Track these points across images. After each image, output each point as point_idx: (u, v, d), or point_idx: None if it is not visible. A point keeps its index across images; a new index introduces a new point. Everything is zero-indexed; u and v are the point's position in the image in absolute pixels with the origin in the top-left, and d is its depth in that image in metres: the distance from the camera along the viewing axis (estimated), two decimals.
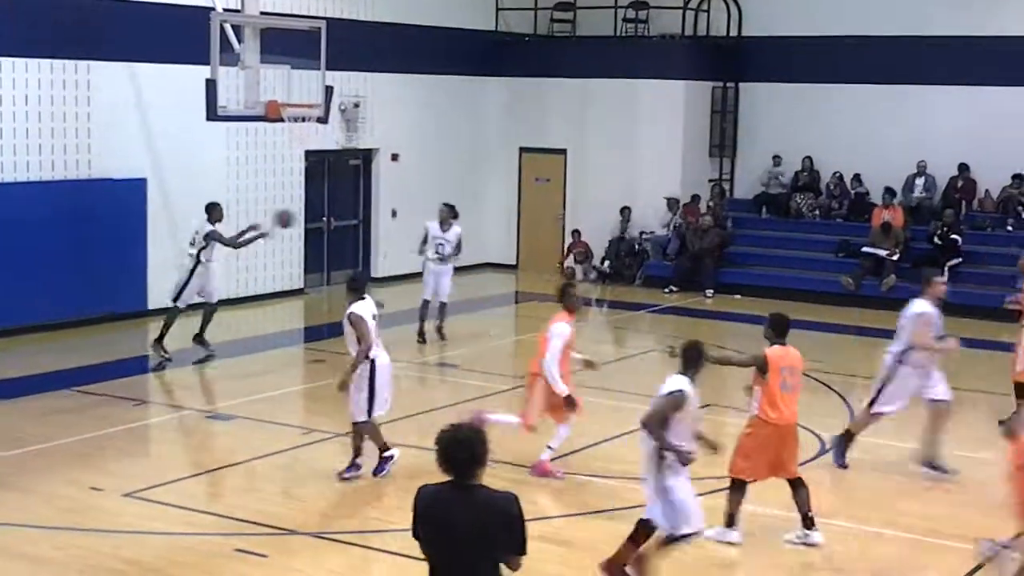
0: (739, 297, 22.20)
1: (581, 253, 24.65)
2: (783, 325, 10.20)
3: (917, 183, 23.38)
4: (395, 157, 23.49)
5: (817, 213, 24.28)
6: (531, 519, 10.40)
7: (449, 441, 5.74)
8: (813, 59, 24.20)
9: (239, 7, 16.94)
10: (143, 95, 18.84)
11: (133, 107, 18.76)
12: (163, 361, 16.20)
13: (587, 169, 24.95)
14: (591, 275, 24.47)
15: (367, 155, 23.23)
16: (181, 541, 10.04)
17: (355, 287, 11.61)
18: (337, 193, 22.91)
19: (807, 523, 10.13)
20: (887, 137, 23.62)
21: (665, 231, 24.16)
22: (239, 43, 16.50)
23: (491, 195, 25.62)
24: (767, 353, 10.04)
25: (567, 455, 12.51)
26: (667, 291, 22.93)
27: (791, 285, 22.50)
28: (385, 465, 11.54)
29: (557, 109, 25.11)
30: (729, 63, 24.86)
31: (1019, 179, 22.79)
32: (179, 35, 18.20)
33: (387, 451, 11.58)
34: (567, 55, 25.26)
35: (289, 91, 17.40)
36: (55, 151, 17.85)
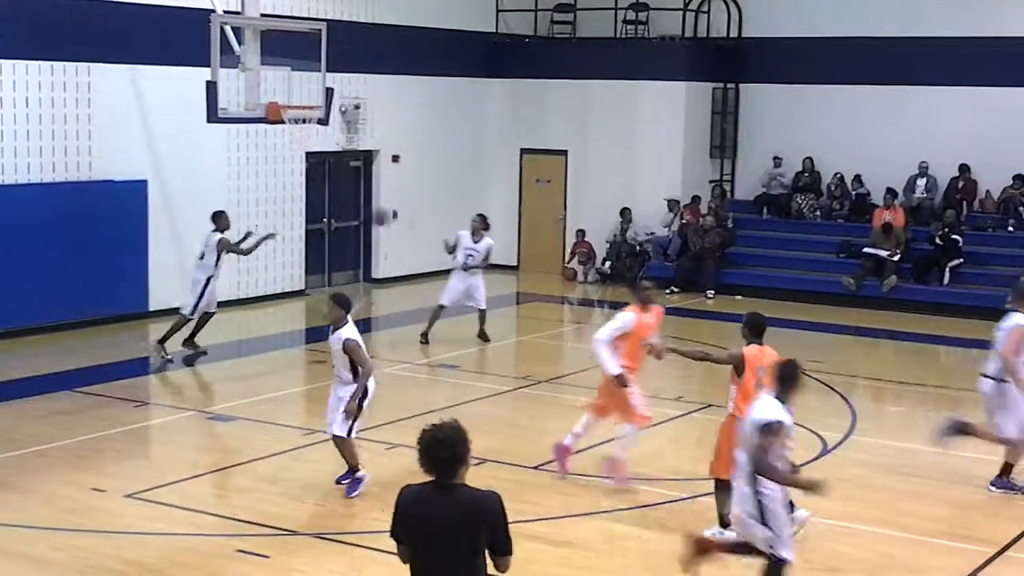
0: (740, 298, 22.18)
1: (584, 254, 24.65)
2: (759, 325, 10.22)
3: (919, 183, 23.38)
4: (396, 159, 23.49)
5: (818, 214, 24.28)
6: (534, 519, 10.51)
7: (430, 441, 5.71)
8: (813, 60, 24.21)
9: (239, 9, 16.95)
10: (144, 97, 18.84)
11: (134, 109, 18.76)
12: (165, 362, 16.21)
13: (588, 170, 24.95)
14: (592, 276, 24.46)
15: (368, 157, 23.23)
16: (183, 542, 10.03)
17: (345, 307, 11.00)
18: (338, 195, 22.91)
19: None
20: (888, 138, 23.62)
21: (666, 232, 24.15)
22: (239, 45, 16.52)
23: (492, 196, 25.59)
24: (744, 352, 10.05)
25: (572, 455, 12.48)
26: (668, 292, 22.91)
27: (792, 286, 22.50)
28: (357, 486, 11.06)
29: (557, 110, 25.11)
30: (729, 64, 24.86)
31: (1020, 180, 22.78)
32: (180, 37, 18.21)
33: (359, 471, 11.12)
34: (567, 56, 25.26)
35: (290, 93, 17.41)
36: (56, 153, 17.85)
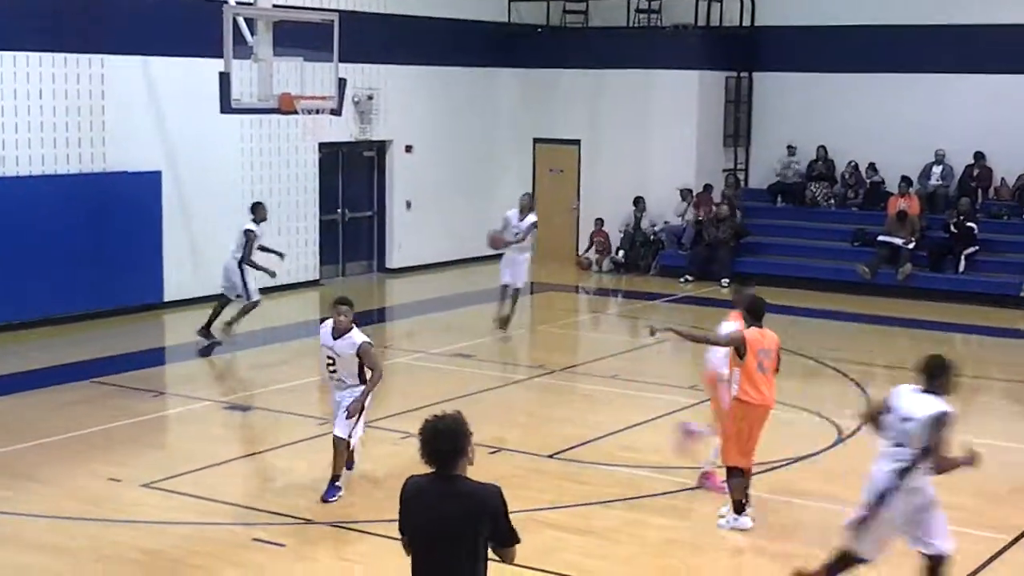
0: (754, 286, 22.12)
1: (601, 243, 24.63)
2: (759, 308, 10.24)
3: (934, 171, 23.30)
4: (409, 149, 23.49)
5: (832, 202, 24.22)
6: (550, 507, 10.51)
7: (431, 432, 5.68)
8: (827, 48, 24.12)
9: (251, 0, 16.95)
10: (157, 88, 18.86)
11: (147, 100, 18.78)
12: (211, 344, 16.34)
13: (601, 160, 24.91)
14: (606, 265, 24.44)
15: (381, 147, 23.23)
16: (199, 531, 10.06)
17: (351, 307, 10.57)
18: (351, 185, 22.91)
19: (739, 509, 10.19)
20: (902, 126, 23.53)
21: (679, 221, 24.12)
22: (252, 36, 16.51)
23: (505, 186, 25.52)
24: (745, 334, 10.05)
25: (586, 443, 12.50)
26: (682, 281, 22.90)
27: (807, 274, 22.44)
28: (336, 492, 10.65)
29: (570, 100, 25.07)
30: (743, 53, 24.78)
31: None
32: (192, 28, 18.23)
33: (338, 481, 10.71)
34: (580, 46, 25.21)
35: (302, 83, 17.40)
36: (70, 144, 17.88)
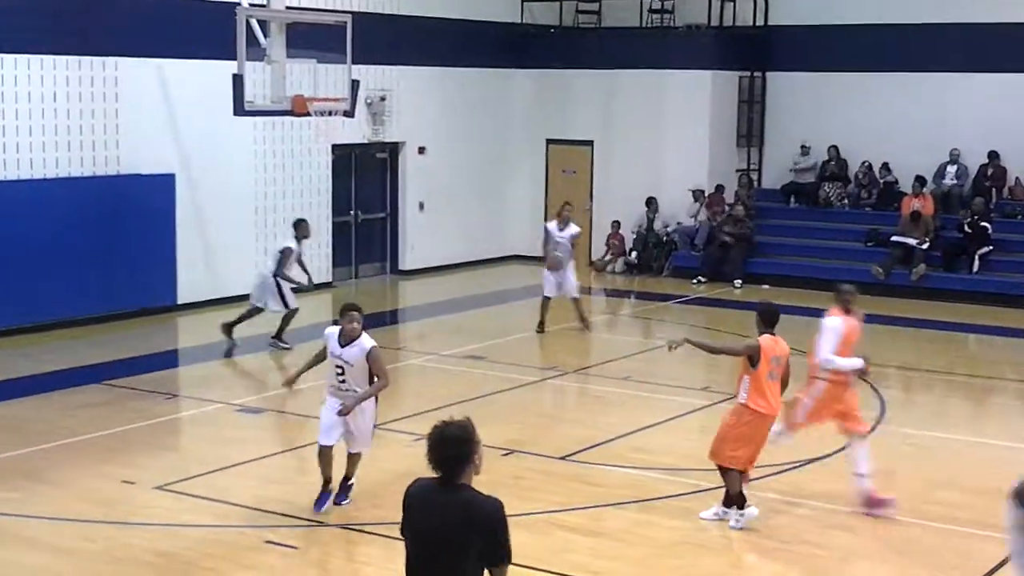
0: (767, 287, 22.11)
1: (617, 246, 24.62)
2: (773, 315, 10.21)
3: (949, 171, 23.22)
4: (422, 150, 23.51)
5: (846, 202, 24.17)
6: (562, 509, 10.51)
7: (438, 438, 5.59)
8: (840, 47, 24.06)
9: (265, 2, 16.99)
10: (170, 91, 18.91)
11: (161, 103, 18.84)
12: (282, 349, 16.55)
13: (614, 160, 24.90)
14: (619, 267, 24.43)
15: (394, 148, 23.26)
16: (212, 533, 10.08)
17: (361, 313, 10.41)
18: (364, 186, 22.95)
19: (731, 503, 10.25)
20: (916, 125, 23.46)
21: (692, 222, 24.09)
22: (265, 38, 16.54)
23: (517, 187, 25.61)
24: (760, 342, 10.01)
25: (598, 445, 12.50)
26: (695, 282, 22.88)
27: (820, 275, 22.32)
28: (327, 500, 10.52)
29: (583, 101, 25.06)
30: (756, 52, 24.74)
31: None
32: (206, 31, 18.27)
33: (329, 486, 10.56)
34: (593, 46, 25.19)
35: (315, 85, 17.44)
36: (84, 147, 17.94)
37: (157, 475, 11.39)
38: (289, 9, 17.25)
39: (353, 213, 22.67)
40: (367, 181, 23.02)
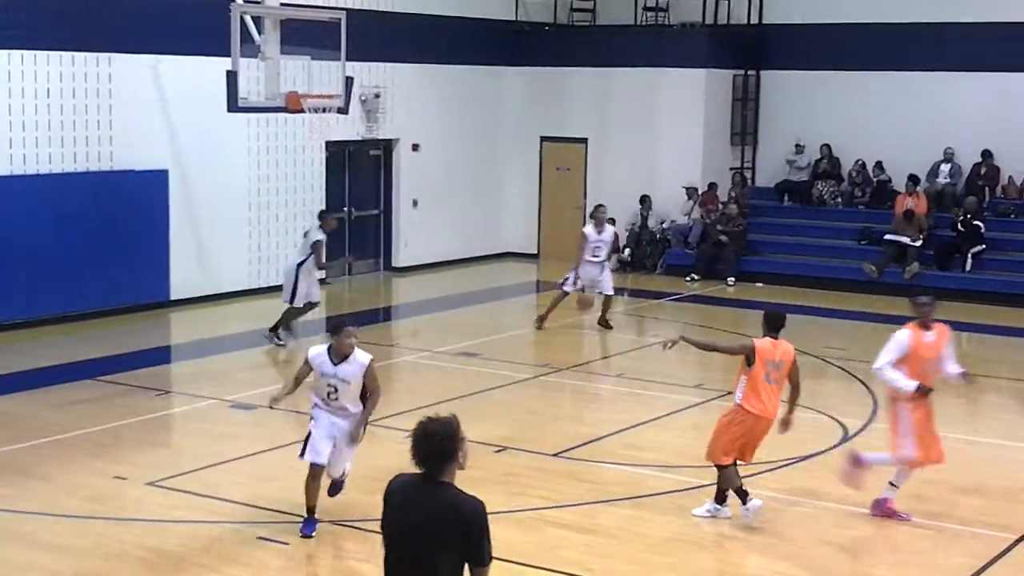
0: (761, 285, 22.13)
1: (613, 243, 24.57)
2: (774, 320, 10.20)
3: (942, 169, 23.24)
4: (416, 147, 23.49)
5: (839, 201, 24.19)
6: (554, 506, 10.51)
7: (421, 434, 5.56)
8: (834, 46, 24.07)
9: None
10: (164, 87, 18.88)
11: (154, 99, 18.80)
12: (277, 345, 16.59)
13: (608, 158, 24.90)
14: (614, 264, 24.39)
15: (387, 145, 23.24)
16: (204, 529, 10.07)
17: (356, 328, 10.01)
18: (358, 183, 22.93)
19: (723, 500, 10.28)
20: (909, 124, 23.48)
21: (686, 220, 24.09)
22: (259, 35, 16.53)
23: (512, 184, 25.61)
24: (755, 343, 10.03)
25: (591, 442, 12.50)
26: (688, 279, 22.89)
27: (813, 273, 22.42)
28: (315, 524, 9.99)
29: (577, 98, 25.06)
30: (750, 51, 24.75)
31: None
32: (200, 27, 18.24)
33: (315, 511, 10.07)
34: (587, 45, 25.19)
35: (309, 82, 17.42)
36: (77, 143, 17.90)
37: (149, 471, 11.38)
38: (283, 6, 17.23)
39: (347, 210, 22.65)
40: (361, 178, 23.00)
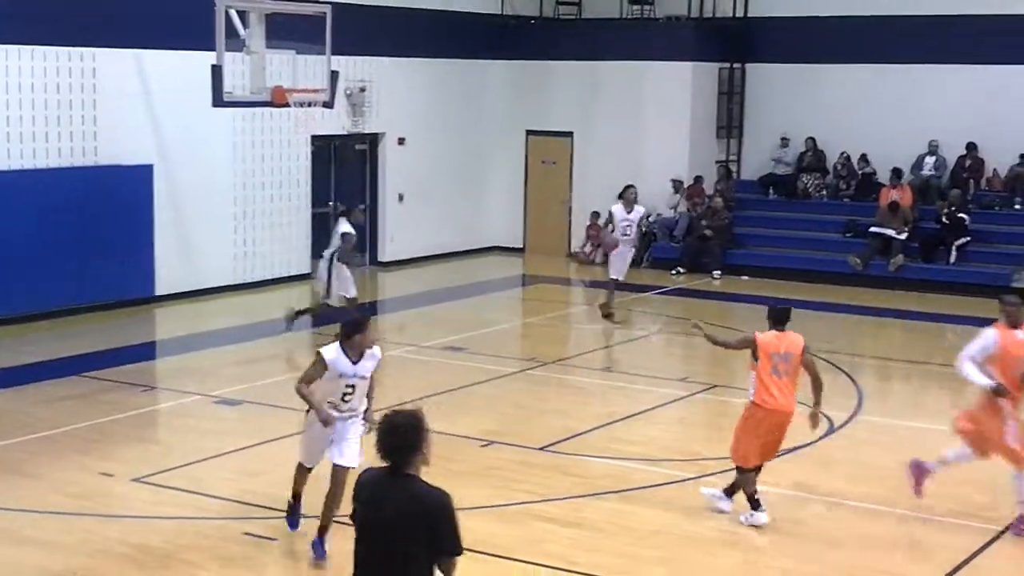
0: (746, 278, 22.19)
1: (596, 236, 24.63)
2: (778, 314, 10.20)
3: (927, 161, 23.31)
4: (401, 141, 23.48)
5: (824, 193, 24.24)
6: (541, 500, 10.53)
7: (387, 427, 5.62)
8: (819, 39, 24.11)
9: None
10: (149, 82, 18.83)
11: (139, 94, 18.75)
12: (288, 325, 16.74)
13: (594, 151, 24.91)
14: (599, 258, 24.43)
15: (373, 139, 23.22)
16: (190, 525, 10.07)
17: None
18: (344, 178, 22.91)
19: (732, 492, 10.31)
20: (895, 117, 23.53)
21: (672, 213, 24.12)
22: (244, 29, 16.50)
23: (497, 178, 25.61)
24: (756, 336, 10.03)
25: (577, 435, 12.52)
26: (674, 273, 22.93)
27: (798, 266, 22.46)
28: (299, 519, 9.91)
29: (563, 92, 25.06)
30: (736, 44, 24.77)
31: None
32: (185, 21, 18.19)
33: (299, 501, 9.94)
34: (573, 38, 25.21)
35: (295, 76, 17.40)
36: (62, 138, 17.86)
37: (135, 467, 11.37)
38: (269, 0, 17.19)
39: (333, 204, 22.62)
40: (347, 172, 22.98)
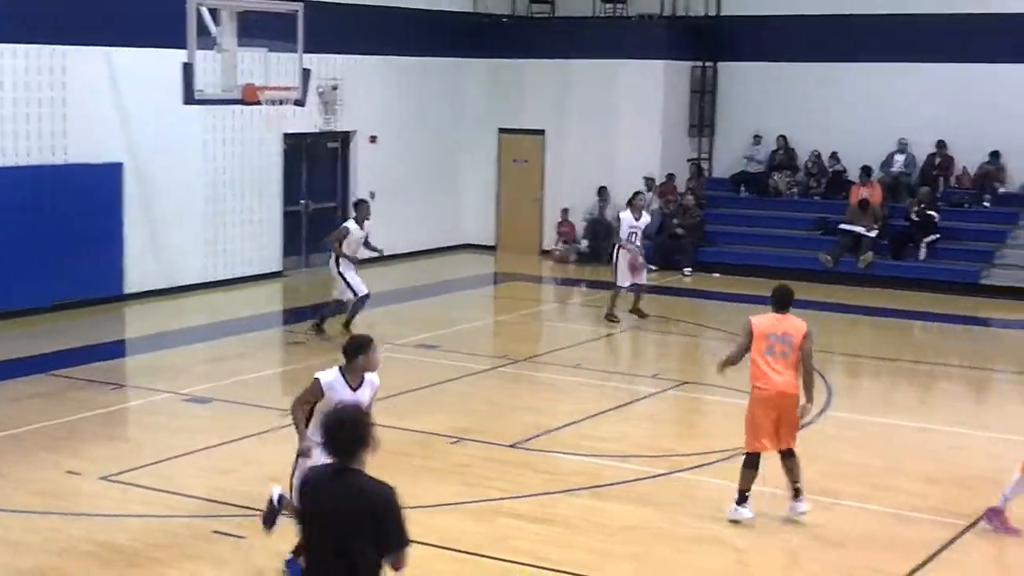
0: (717, 275, 22.25)
1: (568, 234, 24.66)
2: (780, 295, 10.12)
3: (897, 159, 23.44)
4: (373, 139, 23.44)
5: (795, 191, 24.34)
6: (511, 497, 10.53)
7: (331, 424, 5.70)
8: (791, 38, 24.20)
9: None
10: (119, 80, 18.73)
11: (109, 92, 18.65)
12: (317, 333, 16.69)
13: (566, 150, 24.93)
14: (572, 256, 24.46)
15: (345, 137, 23.17)
16: (159, 524, 10.02)
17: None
18: (315, 176, 22.85)
19: (796, 494, 10.14)
20: (865, 115, 23.65)
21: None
22: (216, 26, 16.43)
23: (469, 176, 25.60)
24: (750, 320, 10.04)
25: (548, 432, 12.52)
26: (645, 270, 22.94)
27: (769, 263, 22.52)
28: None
29: (535, 90, 25.07)
30: (708, 43, 24.84)
31: (996, 156, 22.86)
32: (156, 19, 18.11)
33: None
34: (545, 36, 25.22)
35: (267, 74, 17.33)
36: (31, 136, 17.73)
37: (103, 466, 11.30)
38: None
39: (304, 202, 22.57)
40: (318, 170, 22.92)
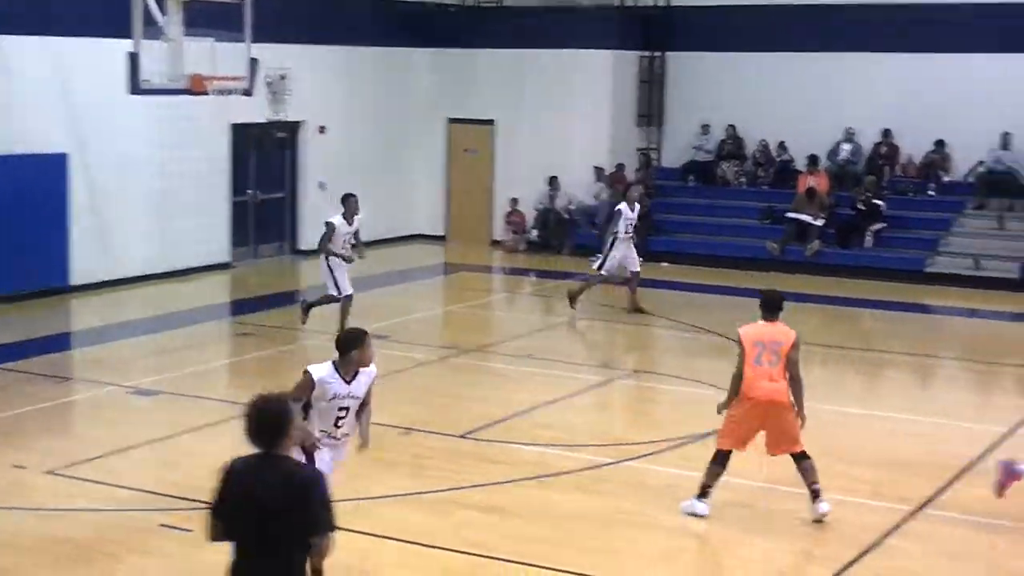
0: (666, 265, 22.32)
1: (518, 224, 24.66)
2: (768, 301, 10.10)
3: (843, 148, 23.60)
4: (322, 129, 23.31)
5: (743, 180, 24.47)
6: (462, 487, 10.53)
7: (254, 411, 5.76)
8: (740, 28, 24.29)
9: None
10: (64, 69, 18.50)
11: (53, 82, 18.42)
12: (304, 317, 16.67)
13: (516, 140, 24.92)
14: (522, 246, 24.47)
15: (294, 128, 23.03)
16: (105, 518, 9.93)
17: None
18: (264, 166, 22.71)
19: (815, 496, 10.06)
20: (811, 104, 23.78)
21: (593, 201, 24.20)
22: (162, 16, 16.25)
23: (419, 166, 25.53)
24: (740, 331, 10.00)
25: (499, 422, 12.53)
26: (594, 260, 22.97)
27: (718, 252, 22.67)
28: None
29: (485, 80, 25.04)
30: (657, 33, 24.89)
31: (941, 145, 23.09)
32: (100, 8, 17.90)
33: None
34: (494, 26, 25.18)
35: (214, 64, 17.16)
36: None
37: (49, 459, 11.18)
38: None
39: (252, 192, 22.42)
40: (266, 160, 22.78)
